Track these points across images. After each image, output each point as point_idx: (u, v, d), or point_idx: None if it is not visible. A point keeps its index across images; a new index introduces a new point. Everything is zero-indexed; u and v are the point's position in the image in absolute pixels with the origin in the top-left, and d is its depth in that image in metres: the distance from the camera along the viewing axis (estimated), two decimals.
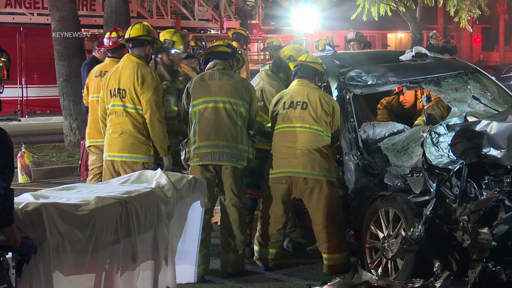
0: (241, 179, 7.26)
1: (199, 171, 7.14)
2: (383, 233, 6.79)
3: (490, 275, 6.18)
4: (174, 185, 6.07)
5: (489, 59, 48.05)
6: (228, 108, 7.21)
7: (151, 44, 7.36)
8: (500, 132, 6.23)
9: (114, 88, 7.19)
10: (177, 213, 6.16)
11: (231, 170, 7.15)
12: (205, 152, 7.15)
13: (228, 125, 7.18)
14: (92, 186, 6.22)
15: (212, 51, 7.53)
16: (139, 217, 5.51)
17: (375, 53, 10.67)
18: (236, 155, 7.16)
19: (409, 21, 24.59)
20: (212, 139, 7.16)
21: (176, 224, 6.21)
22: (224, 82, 7.28)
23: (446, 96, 7.93)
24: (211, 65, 7.44)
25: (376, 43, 44.21)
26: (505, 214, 6.07)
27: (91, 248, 5.02)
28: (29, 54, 21.41)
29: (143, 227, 5.58)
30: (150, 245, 5.73)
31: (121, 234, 5.30)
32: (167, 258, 6.00)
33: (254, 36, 26.28)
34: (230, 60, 7.50)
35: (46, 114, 21.93)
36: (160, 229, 5.81)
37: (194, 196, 6.44)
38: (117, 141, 7.14)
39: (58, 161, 13.92)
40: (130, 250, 5.44)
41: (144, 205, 5.61)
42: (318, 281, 6.88)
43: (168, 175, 6.20)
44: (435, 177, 6.40)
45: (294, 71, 7.70)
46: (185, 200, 6.30)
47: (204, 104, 7.24)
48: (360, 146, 7.38)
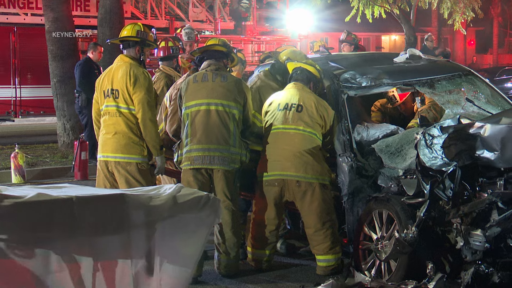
0: (234, 182, 7.24)
1: (191, 174, 7.13)
2: (376, 234, 6.79)
3: (483, 277, 6.19)
4: (173, 198, 5.91)
5: (482, 62, 48.20)
6: (221, 110, 7.18)
7: (140, 45, 7.34)
8: (494, 134, 6.23)
9: (108, 88, 7.19)
10: (172, 226, 6.01)
11: (222, 173, 7.14)
12: (196, 156, 7.12)
13: (220, 128, 7.15)
14: (76, 187, 6.13)
15: (207, 50, 7.50)
16: (91, 218, 5.41)
17: (369, 55, 10.68)
18: (228, 158, 7.14)
19: (403, 23, 24.63)
20: (203, 143, 7.14)
21: (169, 236, 6.00)
22: (217, 84, 7.25)
23: (440, 98, 7.94)
24: (205, 65, 7.42)
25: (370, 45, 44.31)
26: (498, 216, 6.07)
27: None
28: (22, 54, 21.35)
29: (97, 230, 5.48)
30: (113, 250, 5.49)
31: (57, 232, 5.14)
32: (150, 267, 5.70)
33: (248, 37, 26.30)
34: (225, 60, 7.48)
35: (40, 114, 21.88)
36: (134, 236, 5.55)
37: (203, 213, 5.94)
38: (111, 141, 7.14)
39: (52, 161, 13.89)
40: (73, 250, 5.31)
41: (102, 208, 5.41)
42: (311, 282, 6.89)
43: (180, 190, 6.01)
44: (428, 179, 6.40)
45: (291, 74, 7.71)
46: (188, 215, 6.06)
47: (196, 106, 7.21)
48: (354, 148, 7.39)
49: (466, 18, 26.32)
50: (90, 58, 13.98)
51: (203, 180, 7.15)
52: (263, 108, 7.63)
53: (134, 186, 6.90)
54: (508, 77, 30.91)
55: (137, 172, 7.06)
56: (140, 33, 7.37)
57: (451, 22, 26.53)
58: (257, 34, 26.99)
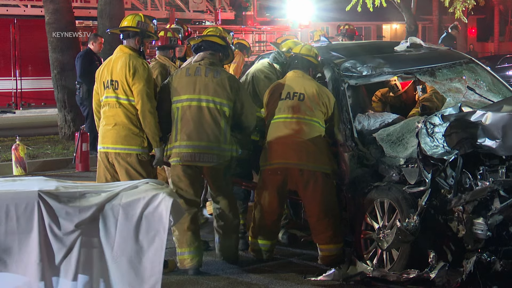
0: (224, 175, 7.23)
1: (181, 169, 7.08)
2: (378, 224, 6.79)
3: (485, 265, 6.18)
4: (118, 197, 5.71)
5: (484, 50, 48.10)
6: (212, 107, 7.10)
7: (140, 35, 7.31)
8: (495, 122, 6.21)
9: (107, 79, 7.16)
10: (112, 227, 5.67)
11: (211, 170, 7.12)
12: (185, 153, 7.06)
13: (211, 125, 7.08)
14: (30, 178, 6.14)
15: (205, 39, 7.43)
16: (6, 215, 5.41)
17: (370, 44, 10.64)
18: (217, 156, 7.08)
19: (404, 12, 24.54)
20: (194, 139, 7.07)
21: (107, 237, 5.68)
22: (209, 79, 7.15)
23: (441, 87, 7.92)
24: (198, 58, 7.31)
25: (371, 34, 44.21)
26: (500, 204, 6.07)
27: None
28: (23, 46, 21.30)
29: (12, 226, 5.44)
30: (27, 249, 5.49)
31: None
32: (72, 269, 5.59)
33: (249, 27, 26.24)
34: (221, 54, 7.41)
35: (41, 106, 21.85)
36: (52, 235, 5.53)
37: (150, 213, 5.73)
38: (111, 133, 7.11)
39: (53, 153, 13.88)
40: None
41: (16, 205, 5.46)
42: (313, 272, 6.88)
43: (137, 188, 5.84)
44: (430, 168, 6.39)
45: (289, 62, 7.69)
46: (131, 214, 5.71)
47: (188, 101, 7.12)
48: (355, 137, 7.37)
49: (467, 6, 26.21)
50: (90, 49, 13.95)
51: (193, 174, 7.11)
52: (264, 97, 7.60)
53: (134, 178, 6.91)
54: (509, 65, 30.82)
55: (138, 163, 7.04)
56: (141, 24, 7.32)
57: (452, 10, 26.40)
58: (257, 24, 26.92)
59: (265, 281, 6.85)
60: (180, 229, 7.00)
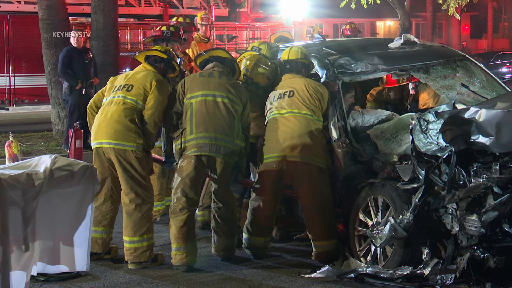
0: (231, 172, 7.27)
1: (193, 160, 7.10)
2: (372, 220, 6.79)
3: (478, 262, 6.20)
4: (50, 173, 6.13)
5: (477, 47, 48.17)
6: (226, 102, 7.18)
7: (166, 63, 7.46)
8: (489, 119, 6.22)
9: (120, 84, 7.23)
10: (50, 201, 6.23)
11: (224, 163, 7.13)
12: (203, 143, 7.09)
13: (226, 118, 7.15)
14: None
15: (213, 55, 7.54)
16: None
17: (364, 41, 10.65)
18: (231, 150, 7.14)
19: (397, 9, 24.58)
20: (211, 131, 7.11)
21: (49, 213, 6.26)
22: (223, 80, 7.28)
23: (434, 84, 7.93)
24: (210, 66, 7.44)
25: (365, 31, 44.21)
26: (494, 201, 6.08)
27: None
28: (16, 42, 21.28)
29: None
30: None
31: None
32: (27, 244, 5.97)
33: (242, 24, 26.23)
34: (228, 68, 7.48)
35: (34, 103, 21.84)
36: (10, 215, 5.78)
37: (81, 186, 6.44)
38: (105, 128, 7.10)
39: (46, 150, 13.85)
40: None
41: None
42: (307, 269, 6.89)
43: (55, 162, 6.25)
44: (424, 165, 6.40)
45: (281, 68, 7.77)
46: (65, 189, 6.33)
47: (202, 96, 7.18)
48: (349, 134, 7.38)
49: (461, 3, 26.24)
50: (72, 46, 13.88)
51: (201, 171, 7.14)
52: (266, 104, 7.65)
53: (131, 173, 7.00)
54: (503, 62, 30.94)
55: (134, 159, 7.04)
56: (168, 53, 7.53)
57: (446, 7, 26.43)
58: (251, 20, 26.93)
59: (259, 277, 6.85)
60: (176, 226, 7.00)
